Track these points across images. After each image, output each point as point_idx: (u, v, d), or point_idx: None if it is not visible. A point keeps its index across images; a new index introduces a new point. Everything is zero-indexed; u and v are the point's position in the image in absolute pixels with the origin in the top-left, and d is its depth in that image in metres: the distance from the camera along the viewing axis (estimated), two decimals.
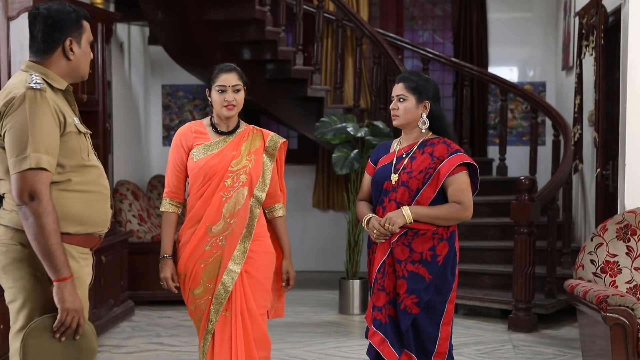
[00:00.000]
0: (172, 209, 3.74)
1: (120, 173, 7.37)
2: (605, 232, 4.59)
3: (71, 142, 2.77)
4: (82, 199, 2.79)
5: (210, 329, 3.66)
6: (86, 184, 2.82)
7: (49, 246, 2.63)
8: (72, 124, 2.78)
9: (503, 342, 5.67)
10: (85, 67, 2.91)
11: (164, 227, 3.75)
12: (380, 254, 3.61)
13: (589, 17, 5.57)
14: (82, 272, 2.83)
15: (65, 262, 2.67)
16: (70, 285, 2.68)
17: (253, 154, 3.70)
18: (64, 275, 2.67)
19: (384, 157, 3.75)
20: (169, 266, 3.70)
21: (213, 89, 3.69)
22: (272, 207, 3.82)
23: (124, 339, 5.79)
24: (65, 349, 2.72)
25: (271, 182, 3.75)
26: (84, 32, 2.87)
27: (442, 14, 8.58)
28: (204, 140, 3.69)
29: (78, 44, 2.85)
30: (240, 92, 3.70)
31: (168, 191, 3.75)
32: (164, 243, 3.73)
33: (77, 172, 2.79)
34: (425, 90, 3.64)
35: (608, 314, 4.01)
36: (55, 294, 2.68)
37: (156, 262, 6.60)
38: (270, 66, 7.14)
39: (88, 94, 5.78)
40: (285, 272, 3.83)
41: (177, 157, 3.71)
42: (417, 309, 3.54)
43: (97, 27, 5.91)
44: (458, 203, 3.57)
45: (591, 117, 6.23)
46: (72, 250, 2.78)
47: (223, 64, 3.75)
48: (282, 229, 3.84)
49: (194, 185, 3.66)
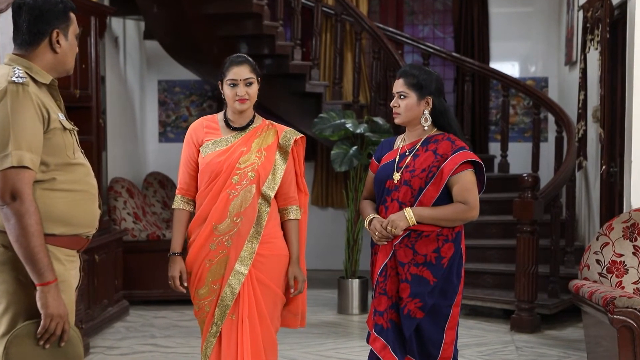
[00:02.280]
0: (183, 206, 3.63)
1: (115, 170, 7.25)
2: (611, 231, 4.48)
3: (55, 139, 2.64)
4: (67, 198, 2.66)
5: (214, 332, 3.54)
6: (72, 183, 2.69)
7: (31, 248, 2.51)
8: (56, 120, 2.65)
9: (506, 344, 5.55)
10: (71, 60, 2.78)
11: (174, 225, 3.63)
12: (382, 256, 3.48)
13: (593, 11, 5.45)
14: (68, 275, 2.70)
15: (48, 265, 2.55)
16: (54, 289, 2.56)
17: (264, 150, 3.57)
18: (47, 279, 2.54)
19: (387, 154, 3.61)
20: (177, 264, 3.57)
21: (225, 83, 3.56)
22: (285, 208, 3.65)
23: (117, 340, 5.66)
24: (50, 356, 2.59)
25: (284, 181, 3.60)
26: (71, 24, 2.74)
27: (442, 8, 8.48)
28: (214, 136, 3.59)
29: (65, 37, 2.72)
30: (253, 84, 3.57)
31: (180, 188, 3.65)
32: (174, 240, 3.60)
33: (62, 171, 2.66)
34: (427, 85, 3.50)
35: (615, 316, 3.90)
36: (38, 299, 2.55)
37: (151, 261, 6.64)
38: (267, 61, 7.04)
39: (81, 89, 5.65)
40: (291, 277, 3.63)
41: (189, 153, 3.61)
42: (421, 313, 3.41)
43: (90, 20, 5.80)
44: (463, 203, 3.43)
45: (595, 113, 6.12)
46: (58, 253, 2.65)
47: (234, 56, 3.61)
48: (291, 233, 3.65)
49: (202, 182, 3.57)
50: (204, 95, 8.43)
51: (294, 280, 3.62)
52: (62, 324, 2.58)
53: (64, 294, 2.64)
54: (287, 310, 3.73)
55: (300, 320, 3.77)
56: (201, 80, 8.29)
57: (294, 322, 3.77)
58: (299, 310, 3.75)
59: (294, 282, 3.62)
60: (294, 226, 3.66)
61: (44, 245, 2.54)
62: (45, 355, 2.58)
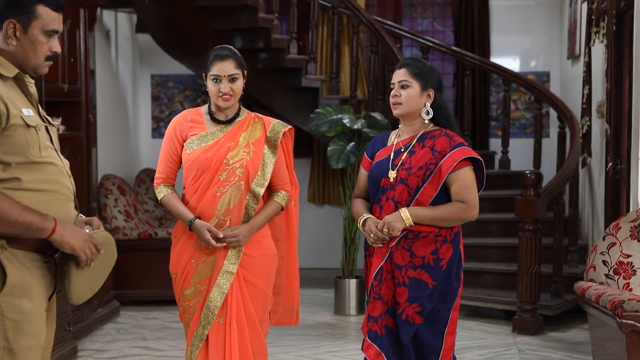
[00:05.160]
0: (171, 190, 3.47)
1: (106, 167, 7.07)
2: (618, 230, 4.31)
3: (17, 136, 2.44)
4: (34, 199, 2.47)
5: (199, 335, 3.39)
6: (40, 183, 2.50)
7: (15, 222, 2.40)
8: (17, 116, 2.44)
9: (507, 346, 5.38)
10: (36, 59, 2.54)
11: (172, 205, 3.43)
12: (378, 259, 3.30)
13: (599, 2, 5.28)
14: (33, 281, 2.50)
15: (40, 217, 2.44)
16: (62, 229, 2.47)
17: (252, 145, 3.42)
18: (49, 228, 2.45)
19: (381, 151, 3.44)
20: (202, 227, 3.33)
21: (208, 77, 3.40)
22: (274, 192, 3.50)
23: (107, 343, 5.49)
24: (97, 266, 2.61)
25: (276, 172, 3.46)
26: (36, 18, 2.51)
27: (442, 1, 8.35)
28: (199, 131, 3.43)
29: (24, 30, 2.50)
30: (238, 80, 3.41)
31: (159, 177, 3.49)
32: (182, 213, 3.39)
33: (26, 170, 2.47)
34: (430, 77, 3.34)
35: (624, 321, 3.74)
36: (59, 247, 2.50)
37: (143, 260, 6.48)
38: (263, 55, 6.88)
39: (69, 83, 5.47)
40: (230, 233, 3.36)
41: (171, 148, 3.46)
42: (419, 318, 3.24)
43: (79, 12, 5.62)
44: (462, 202, 3.27)
45: (600, 108, 5.95)
46: (23, 257, 2.47)
47: (219, 48, 3.44)
48: (264, 209, 3.43)
49: (188, 179, 3.42)
50: (198, 90, 8.26)
51: (231, 236, 3.35)
52: (90, 244, 2.53)
53: (30, 302, 2.47)
54: (284, 308, 3.63)
55: (295, 317, 3.68)
56: (195, 75, 8.12)
57: (291, 319, 3.67)
58: (295, 306, 3.66)
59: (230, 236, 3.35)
60: (271, 206, 3.47)
61: (24, 208, 2.42)
62: (93, 268, 2.59)
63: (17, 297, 2.46)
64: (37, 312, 2.52)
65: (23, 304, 2.47)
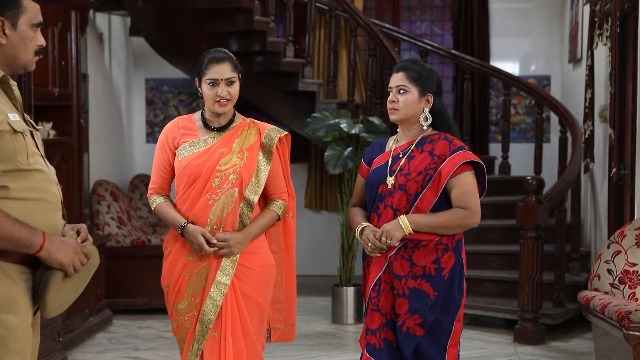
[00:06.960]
0: (164, 199, 3.35)
1: (99, 172, 6.94)
2: (623, 238, 4.21)
3: (3, 142, 2.31)
4: (21, 208, 2.34)
5: (195, 351, 3.26)
6: (27, 191, 2.36)
7: (5, 237, 2.27)
8: (3, 122, 2.31)
9: (509, 356, 5.26)
10: (26, 55, 2.43)
11: (165, 212, 3.30)
12: (376, 269, 3.17)
13: (602, 4, 5.16)
14: (19, 295, 2.37)
15: (29, 233, 2.31)
16: (51, 244, 2.35)
17: (246, 150, 3.29)
18: (37, 244, 2.33)
19: (379, 157, 3.31)
20: (193, 232, 3.20)
21: (203, 81, 3.27)
22: (270, 202, 3.37)
23: (98, 353, 5.36)
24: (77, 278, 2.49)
25: (272, 179, 3.33)
26: (23, 12, 2.39)
27: (441, 4, 8.24)
28: (191, 138, 3.31)
29: (13, 26, 2.38)
30: (235, 84, 3.28)
31: (152, 187, 3.37)
32: (174, 220, 3.26)
33: (13, 178, 2.34)
34: (429, 82, 3.21)
35: (631, 332, 3.64)
36: (47, 263, 2.37)
37: (136, 267, 6.34)
38: (259, 58, 6.78)
39: (60, 87, 5.35)
40: (221, 237, 3.24)
41: (163, 157, 3.34)
42: (421, 330, 3.10)
43: (70, 15, 5.49)
44: (463, 208, 3.15)
45: (603, 112, 5.83)
46: (10, 270, 2.34)
47: (214, 51, 3.30)
48: (260, 217, 3.31)
49: (179, 187, 3.29)
50: (193, 94, 8.14)
51: (224, 240, 3.22)
52: (80, 255, 2.43)
53: (17, 317, 2.34)
54: (285, 324, 3.50)
55: (294, 332, 3.58)
56: (190, 79, 7.99)
57: (291, 335, 3.56)
58: (294, 321, 3.55)
59: (220, 239, 3.22)
60: (267, 214, 3.34)
61: (14, 222, 2.29)
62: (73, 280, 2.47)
63: (2, 312, 2.34)
64: (23, 327, 2.39)
65: (9, 319, 2.34)
